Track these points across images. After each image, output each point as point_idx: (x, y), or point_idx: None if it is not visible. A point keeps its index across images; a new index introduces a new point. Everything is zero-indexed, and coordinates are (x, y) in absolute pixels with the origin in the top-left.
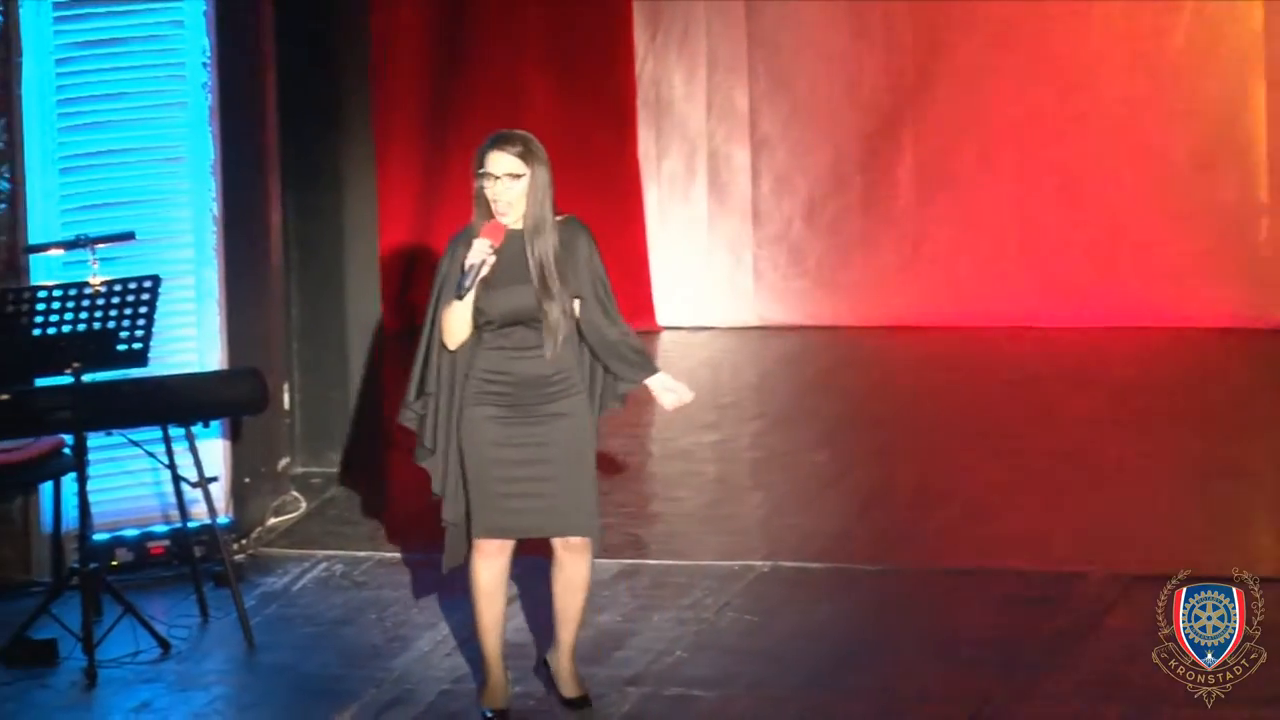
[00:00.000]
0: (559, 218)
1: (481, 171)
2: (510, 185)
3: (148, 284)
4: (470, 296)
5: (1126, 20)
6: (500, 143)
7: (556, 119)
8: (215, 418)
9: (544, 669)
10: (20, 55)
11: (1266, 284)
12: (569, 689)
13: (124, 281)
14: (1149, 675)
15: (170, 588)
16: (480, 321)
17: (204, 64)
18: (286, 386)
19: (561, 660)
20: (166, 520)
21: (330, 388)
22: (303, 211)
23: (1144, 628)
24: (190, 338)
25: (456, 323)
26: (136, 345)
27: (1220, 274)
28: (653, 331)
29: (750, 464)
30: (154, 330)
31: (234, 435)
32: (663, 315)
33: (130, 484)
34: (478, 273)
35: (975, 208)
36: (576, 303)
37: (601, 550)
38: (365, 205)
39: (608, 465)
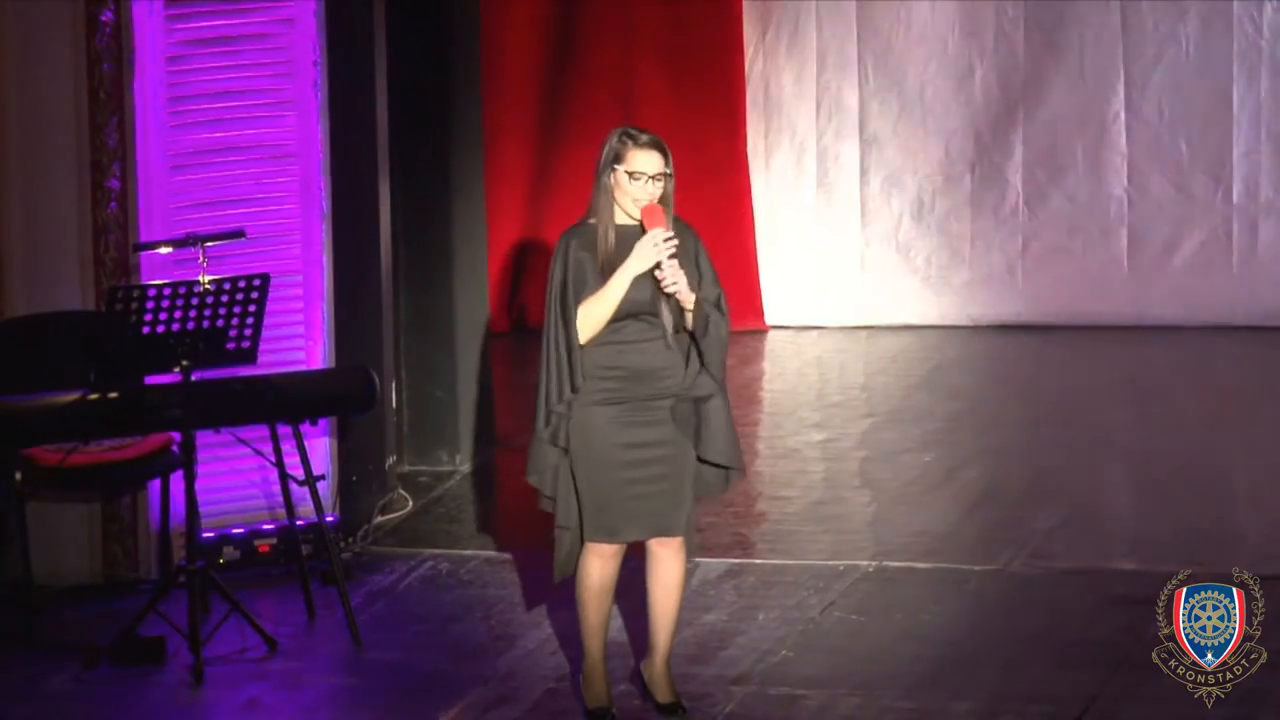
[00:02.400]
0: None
1: (628, 170)
2: (658, 185)
3: (257, 282)
4: (627, 281)
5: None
6: (646, 142)
7: (667, 117)
8: (323, 416)
9: (639, 675)
10: (132, 54)
11: None
12: (665, 694)
13: (233, 280)
14: (1256, 676)
15: (277, 586)
16: None
17: (314, 63)
18: (394, 385)
19: (658, 665)
20: (274, 518)
21: (438, 386)
22: (412, 210)
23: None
24: (299, 336)
25: (605, 311)
26: (245, 343)
27: None
28: (760, 330)
29: (858, 463)
30: (263, 328)
31: (341, 434)
32: (771, 314)
33: (238, 482)
34: (670, 262)
35: (1085, 207)
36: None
37: (703, 550)
38: (474, 204)
39: None
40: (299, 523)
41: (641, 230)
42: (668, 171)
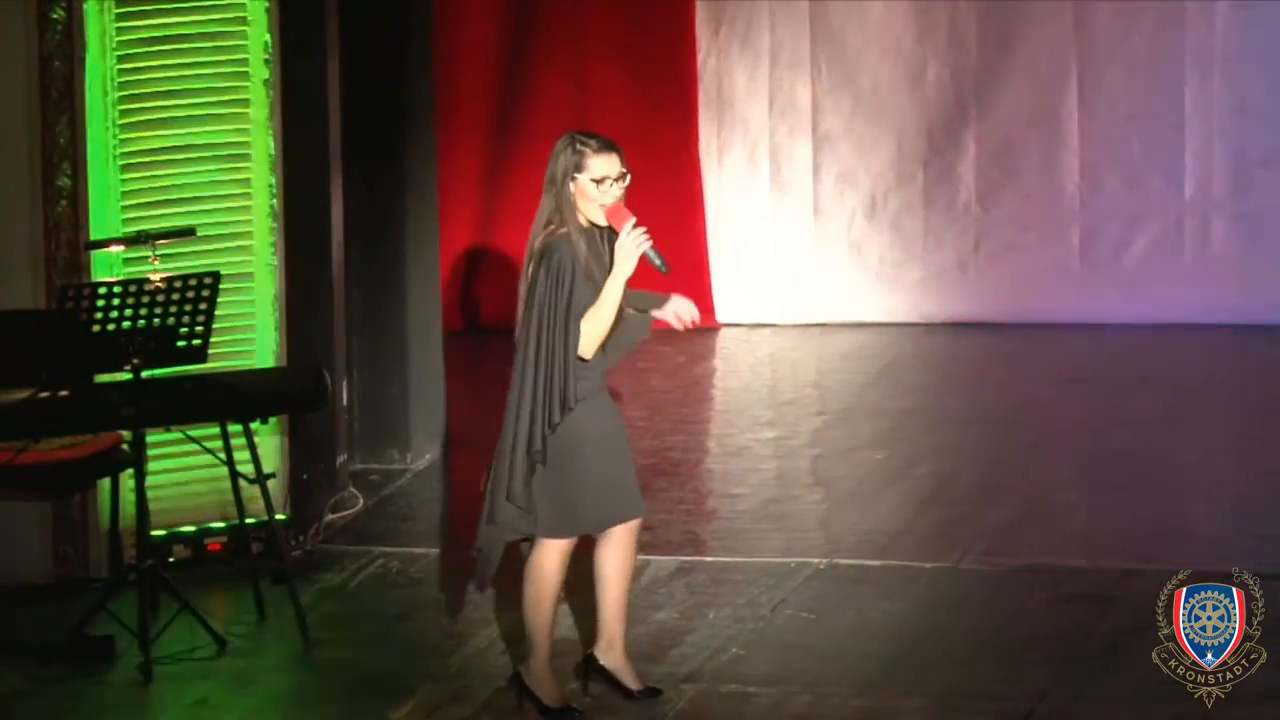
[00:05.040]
0: None
1: (593, 177)
2: (620, 186)
3: (208, 281)
4: (621, 286)
5: (1183, 16)
6: (601, 146)
7: (620, 115)
8: (274, 414)
9: (587, 669)
10: (83, 52)
11: None
12: (637, 681)
13: (184, 278)
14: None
15: (227, 584)
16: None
17: (266, 60)
18: (345, 383)
19: (622, 655)
20: (224, 517)
21: (389, 384)
22: (364, 209)
23: None
24: (250, 334)
25: (608, 320)
26: (196, 342)
27: None
28: (712, 328)
29: (809, 461)
30: (214, 327)
31: (292, 432)
32: (723, 311)
33: (188, 480)
34: (654, 246)
35: (1037, 204)
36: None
37: (653, 548)
38: (427, 202)
39: (667, 462)
40: (249, 521)
41: (609, 232)
42: (625, 170)
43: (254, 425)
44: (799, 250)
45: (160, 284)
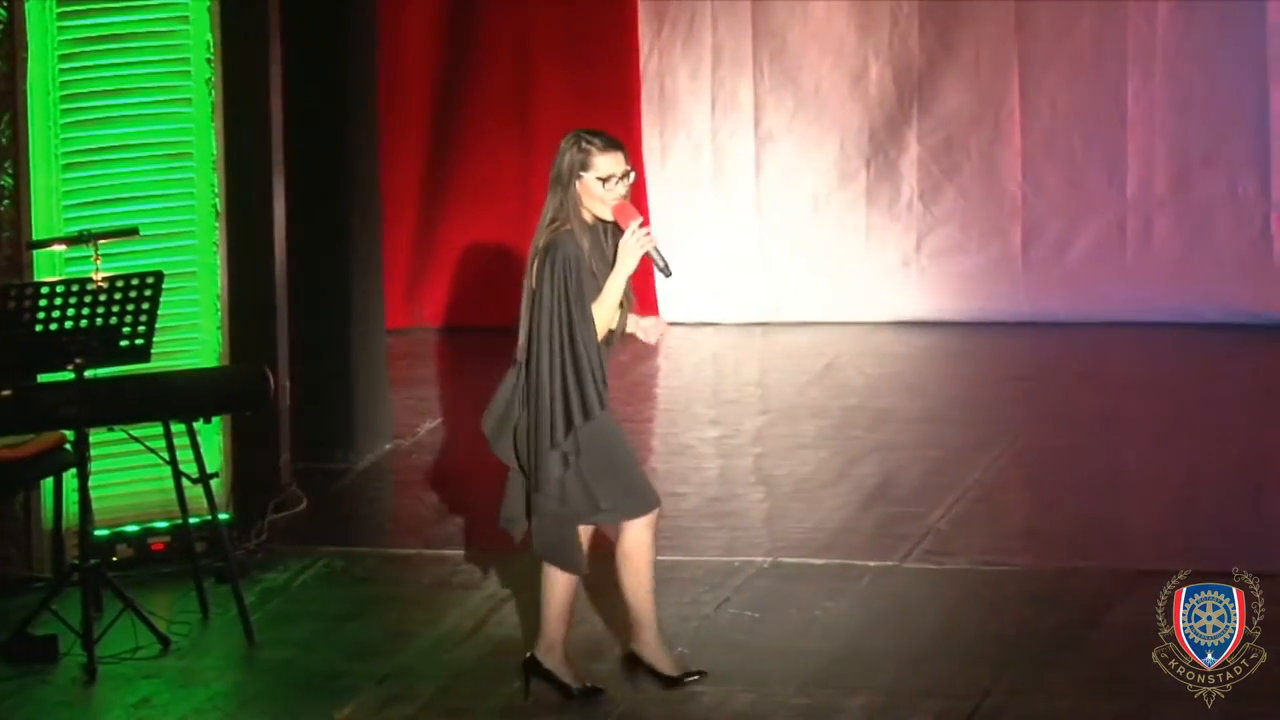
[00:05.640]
0: None
1: (599, 176)
2: (626, 183)
3: (150, 280)
4: (623, 282)
5: (1125, 14)
6: (606, 144)
7: (562, 113)
8: (217, 414)
9: (628, 661)
10: (24, 51)
11: (1270, 278)
12: (675, 666)
13: (127, 277)
14: (1148, 672)
15: (171, 584)
16: None
17: (208, 59)
18: (289, 382)
19: (656, 641)
20: (168, 516)
21: (333, 384)
22: (307, 207)
23: (1145, 624)
24: (193, 333)
25: (608, 316)
26: (139, 341)
27: (1225, 270)
28: None
29: (752, 459)
30: (156, 326)
31: (236, 431)
32: (666, 310)
33: (132, 480)
34: (658, 247)
35: (979, 203)
36: None
37: (598, 546)
38: (370, 201)
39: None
40: (193, 521)
41: (613, 228)
42: (630, 168)
43: (197, 424)
44: (742, 249)
45: (103, 283)
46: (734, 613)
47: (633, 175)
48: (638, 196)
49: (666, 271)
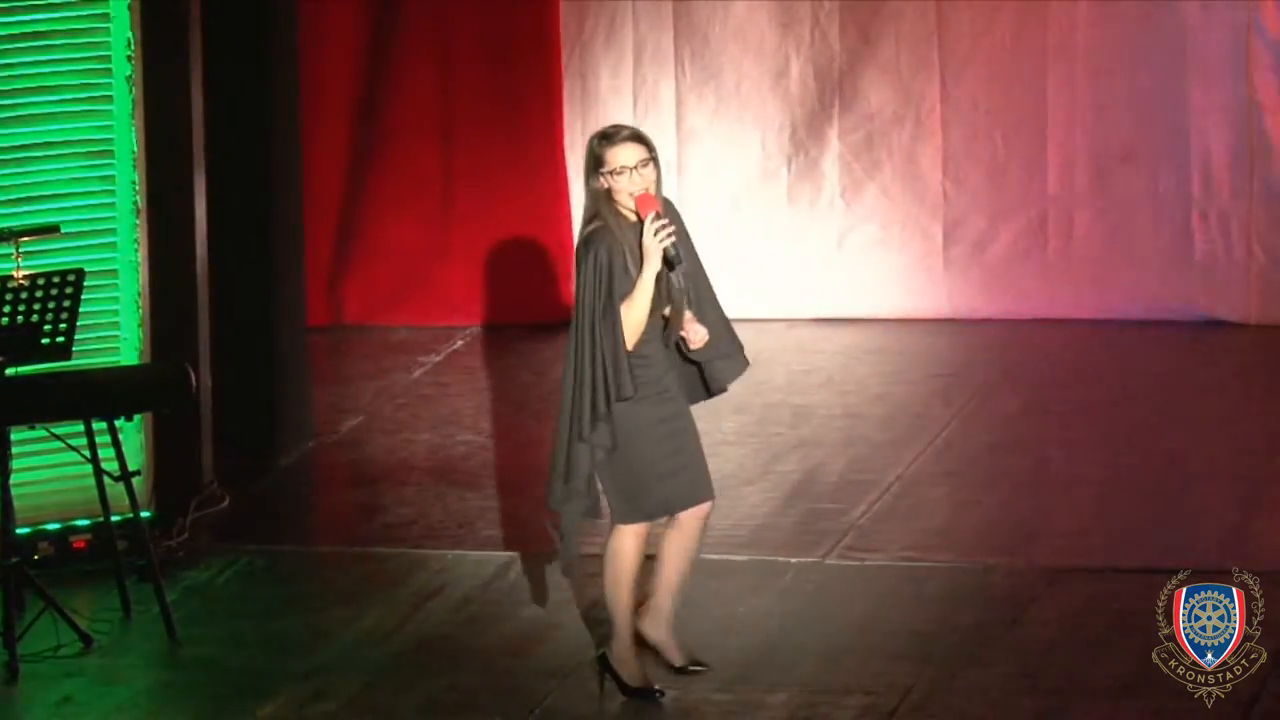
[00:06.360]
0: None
1: (608, 170)
2: (644, 173)
3: (71, 278)
4: (652, 278)
5: (1046, 13)
6: (621, 138)
7: (484, 109)
8: (138, 411)
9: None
10: None
11: (1191, 276)
12: (682, 656)
13: (48, 275)
14: (1067, 669)
15: (93, 582)
16: None
17: (129, 56)
18: (210, 380)
19: (667, 631)
20: (89, 514)
21: (255, 381)
22: (228, 204)
23: (1065, 621)
24: (114, 331)
25: (640, 315)
26: (60, 339)
27: (1146, 267)
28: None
29: None
30: (78, 324)
31: (158, 429)
32: None
33: (53, 478)
34: (675, 243)
35: (900, 200)
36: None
37: (519, 544)
38: (292, 198)
39: (533, 458)
40: (115, 518)
41: (640, 220)
42: (650, 157)
43: (119, 422)
44: None
45: (23, 281)
46: None
47: (653, 165)
48: (558, 196)
49: (672, 265)
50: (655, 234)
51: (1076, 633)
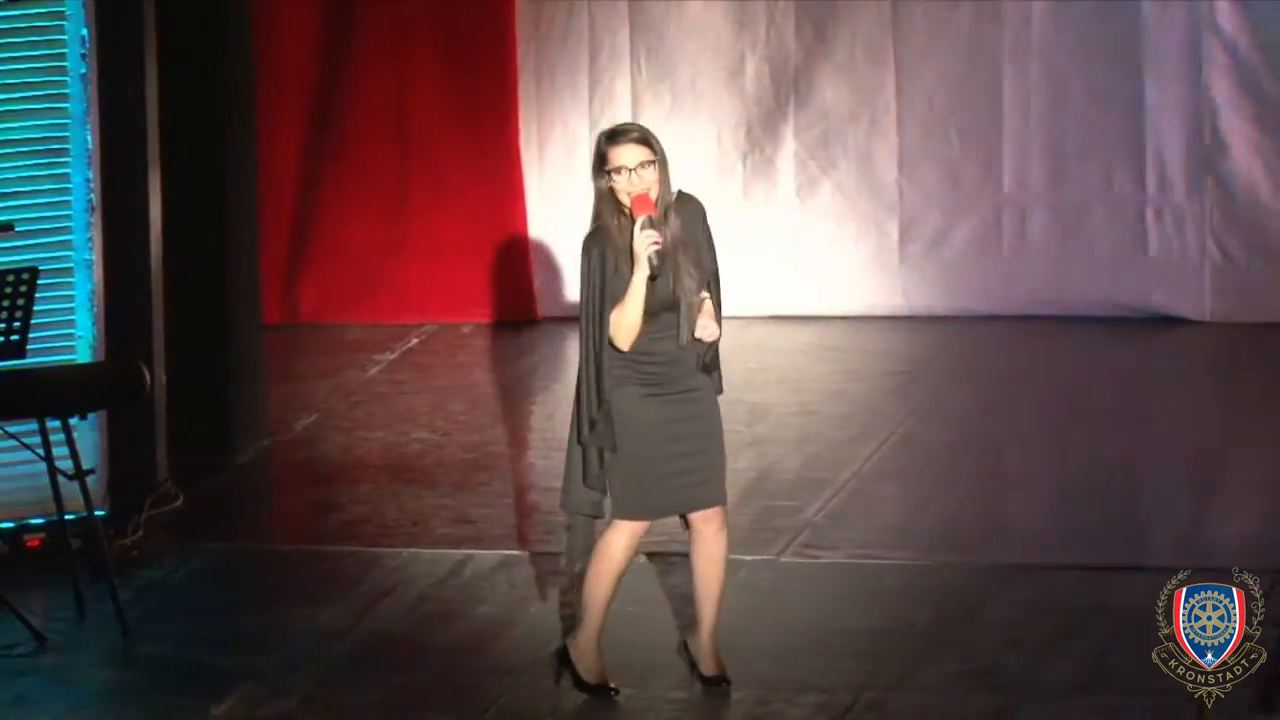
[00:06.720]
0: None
1: (609, 169)
2: (645, 173)
3: (25, 276)
4: (642, 283)
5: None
6: (623, 138)
7: (439, 108)
8: (92, 409)
9: (684, 650)
10: None
11: (1146, 273)
12: (711, 666)
13: (2, 273)
14: (1022, 666)
15: (47, 581)
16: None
17: (83, 55)
18: (165, 378)
19: (705, 639)
20: (43, 513)
21: (210, 380)
22: (183, 202)
23: (1020, 619)
24: (69, 329)
25: (632, 318)
26: (14, 337)
27: (1101, 263)
28: (533, 321)
29: None
30: (32, 322)
31: (112, 427)
32: (543, 305)
33: (6, 476)
34: (659, 249)
35: (856, 197)
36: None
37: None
38: (247, 197)
39: (489, 456)
40: (68, 517)
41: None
42: (649, 158)
43: (73, 420)
44: None
45: None
46: (614, 608)
47: (655, 165)
48: (513, 194)
49: (653, 275)
50: (642, 239)
51: (1031, 630)
